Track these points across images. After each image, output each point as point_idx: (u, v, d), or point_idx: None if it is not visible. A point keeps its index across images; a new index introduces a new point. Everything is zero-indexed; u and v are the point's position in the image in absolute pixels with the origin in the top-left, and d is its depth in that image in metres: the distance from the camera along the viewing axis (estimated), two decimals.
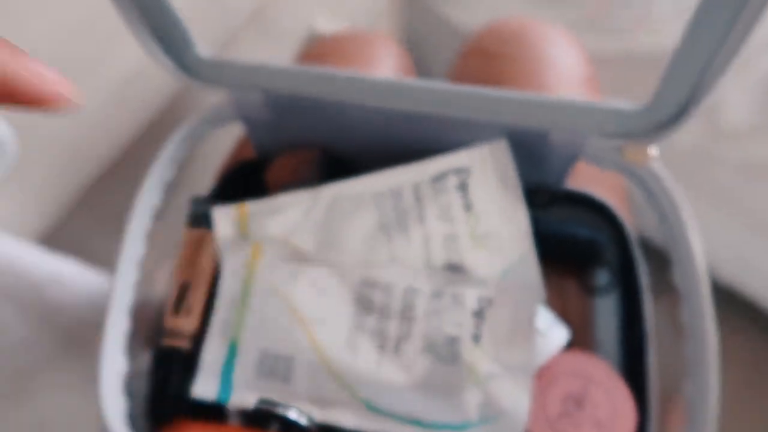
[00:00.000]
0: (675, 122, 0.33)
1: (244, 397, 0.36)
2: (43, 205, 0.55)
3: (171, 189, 0.40)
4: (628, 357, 0.41)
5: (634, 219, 0.44)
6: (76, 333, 0.55)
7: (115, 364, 0.34)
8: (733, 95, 0.79)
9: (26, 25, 0.45)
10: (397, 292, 0.37)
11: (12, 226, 0.47)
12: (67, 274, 0.52)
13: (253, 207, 0.40)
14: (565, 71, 0.54)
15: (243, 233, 0.39)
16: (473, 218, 0.38)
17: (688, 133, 0.81)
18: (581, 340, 0.42)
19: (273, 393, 0.36)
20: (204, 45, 0.38)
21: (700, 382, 0.31)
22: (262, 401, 0.35)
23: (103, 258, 0.58)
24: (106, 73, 0.53)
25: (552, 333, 0.37)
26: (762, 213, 0.80)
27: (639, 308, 0.40)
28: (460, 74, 0.59)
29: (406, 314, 0.36)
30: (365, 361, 0.35)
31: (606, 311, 0.42)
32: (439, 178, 0.39)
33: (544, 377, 0.37)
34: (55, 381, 0.59)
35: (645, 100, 0.34)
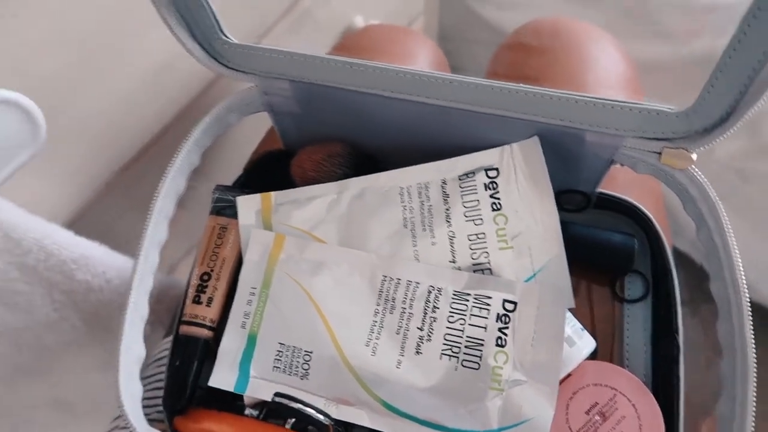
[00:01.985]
0: (719, 128, 0.31)
1: (260, 389, 0.35)
2: (72, 188, 0.56)
3: (199, 178, 0.40)
4: (657, 370, 0.39)
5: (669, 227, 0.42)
6: (102, 315, 0.55)
7: (133, 349, 0.34)
8: None
9: (59, 13, 0.45)
10: (420, 291, 0.36)
11: (41, 208, 0.48)
12: (96, 256, 0.52)
13: (277, 197, 0.39)
14: (606, 71, 0.52)
15: (266, 223, 0.39)
16: (501, 218, 0.37)
17: (723, 145, 0.78)
18: (608, 350, 0.40)
19: (290, 387, 0.35)
20: (238, 36, 0.38)
21: (735, 400, 0.30)
22: (279, 395, 0.35)
23: (127, 243, 0.58)
24: (138, 61, 0.53)
25: (579, 341, 0.36)
26: None
27: (671, 320, 0.38)
28: (498, 68, 0.58)
29: (429, 314, 0.35)
30: (385, 360, 0.35)
31: (636, 321, 0.41)
32: (467, 176, 0.38)
33: (568, 387, 0.36)
34: (78, 361, 0.60)
35: (687, 103, 0.32)
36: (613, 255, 0.41)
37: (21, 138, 0.39)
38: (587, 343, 0.36)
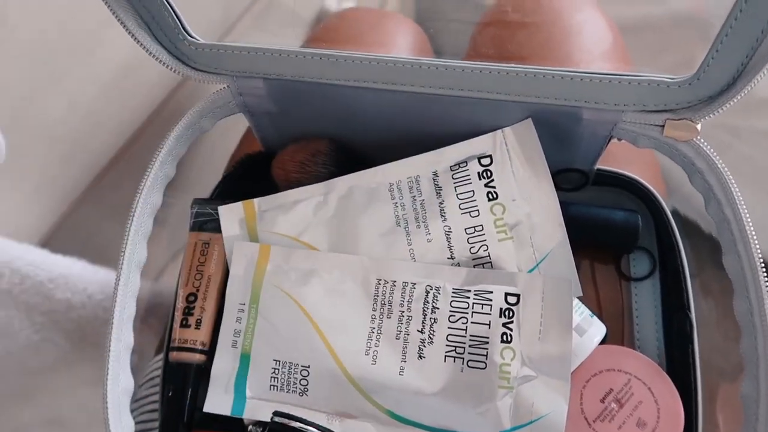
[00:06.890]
0: (724, 95, 0.29)
1: (258, 410, 0.34)
2: (44, 203, 0.53)
3: (175, 193, 0.37)
4: (670, 349, 0.38)
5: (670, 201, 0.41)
6: (87, 331, 0.54)
7: (120, 382, 0.31)
8: None
9: (6, 17, 0.42)
10: (417, 291, 0.34)
11: (11, 228, 0.45)
12: (74, 273, 0.51)
13: (261, 204, 0.37)
14: (592, 40, 0.50)
15: (251, 233, 0.37)
16: (499, 208, 0.35)
17: None
18: (618, 332, 0.39)
19: (289, 405, 0.33)
20: (200, 32, 0.35)
21: (759, 380, 0.28)
22: (278, 414, 0.33)
23: (108, 254, 0.56)
24: (99, 63, 0.50)
25: (589, 329, 0.35)
26: None
27: (682, 295, 0.37)
28: (479, 46, 0.55)
29: (429, 316, 0.33)
30: (387, 368, 0.33)
31: (645, 300, 0.39)
32: (459, 166, 0.35)
33: (580, 375, 0.35)
34: (67, 378, 0.58)
35: (688, 70, 0.30)
36: (617, 233, 0.39)
37: None
38: (598, 330, 0.35)
